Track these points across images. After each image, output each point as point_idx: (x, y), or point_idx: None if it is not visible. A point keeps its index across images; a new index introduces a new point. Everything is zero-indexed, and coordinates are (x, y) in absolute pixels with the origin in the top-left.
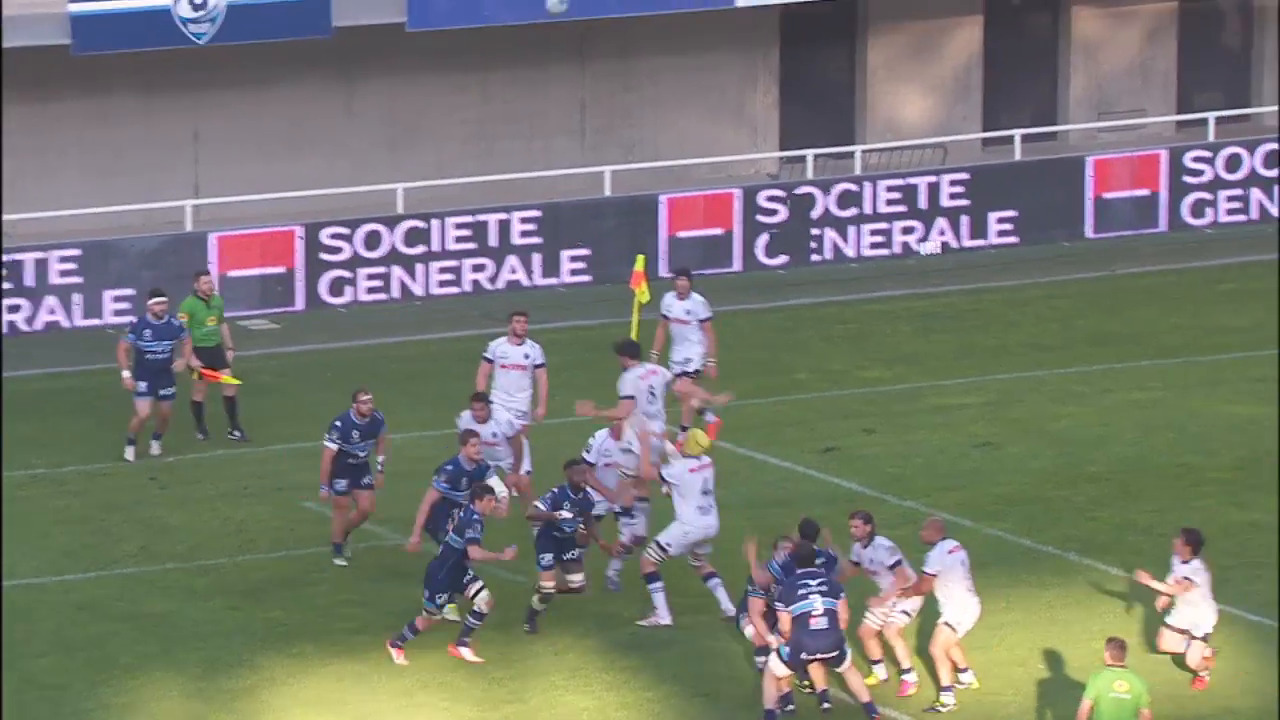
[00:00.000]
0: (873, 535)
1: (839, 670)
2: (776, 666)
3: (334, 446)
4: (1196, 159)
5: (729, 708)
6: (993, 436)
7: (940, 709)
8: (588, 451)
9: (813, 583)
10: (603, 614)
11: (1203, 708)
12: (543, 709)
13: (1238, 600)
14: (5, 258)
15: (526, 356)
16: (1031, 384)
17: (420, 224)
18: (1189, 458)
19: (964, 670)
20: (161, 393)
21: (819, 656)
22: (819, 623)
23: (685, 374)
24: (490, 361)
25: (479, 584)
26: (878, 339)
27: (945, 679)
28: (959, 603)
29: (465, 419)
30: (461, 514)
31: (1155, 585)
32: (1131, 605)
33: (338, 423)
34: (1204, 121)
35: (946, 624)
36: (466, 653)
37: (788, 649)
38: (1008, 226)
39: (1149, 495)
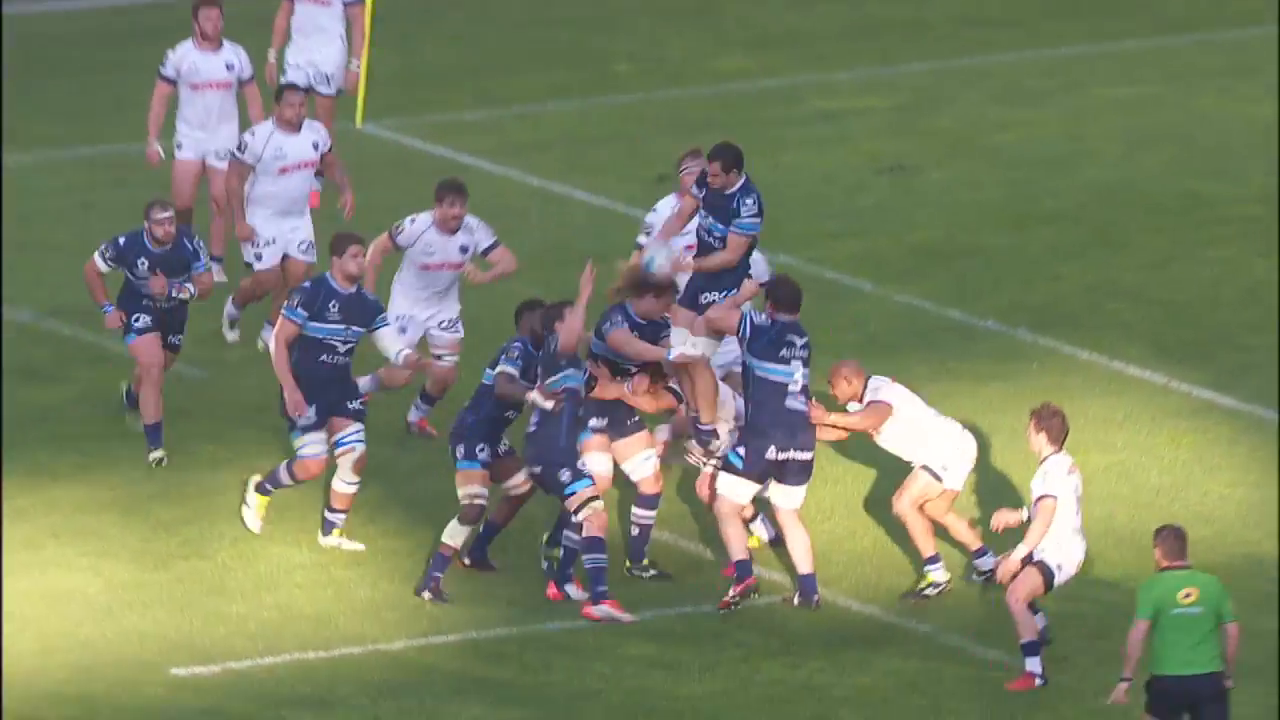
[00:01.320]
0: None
1: (790, 506)
2: (729, 486)
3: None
4: None
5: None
6: (906, 156)
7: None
8: None
9: (799, 341)
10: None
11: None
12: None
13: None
14: None
15: (229, 67)
16: (965, 76)
17: None
18: (1197, 184)
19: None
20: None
21: (792, 456)
22: (796, 402)
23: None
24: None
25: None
26: (737, 11)
27: (1026, 634)
28: (1061, 544)
29: None
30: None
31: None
32: (1121, 409)
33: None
34: None
35: (1046, 569)
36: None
37: (741, 450)
38: None
39: (1137, 242)
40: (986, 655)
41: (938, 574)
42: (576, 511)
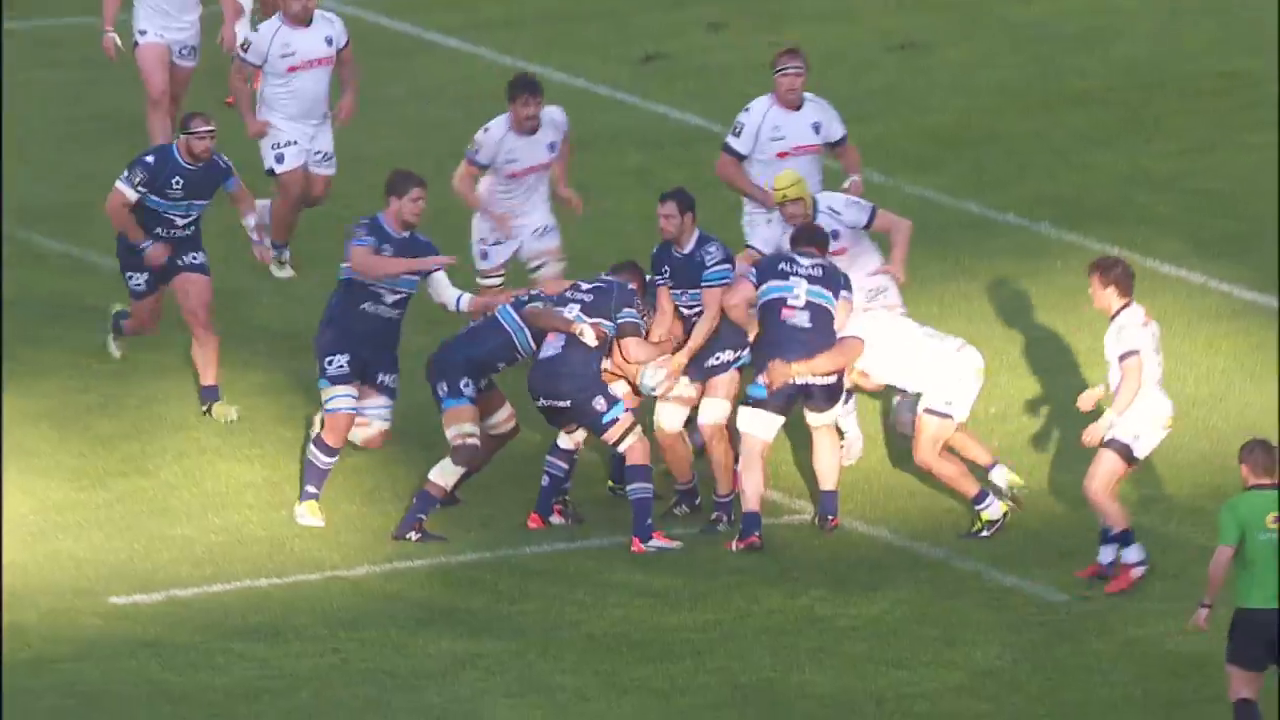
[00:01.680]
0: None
1: (821, 423)
2: (753, 421)
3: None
4: None
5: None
6: (918, 33)
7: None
8: None
9: (805, 264)
10: None
11: None
12: None
13: None
14: None
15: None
16: None
17: None
18: (1238, 61)
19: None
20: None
21: (810, 381)
22: (796, 317)
23: None
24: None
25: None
26: None
27: (1115, 523)
28: (1138, 408)
29: None
30: None
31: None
32: (1153, 312)
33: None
34: None
35: (1119, 445)
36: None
37: (761, 379)
38: None
39: (1172, 126)
40: (1004, 582)
41: (992, 511)
42: (619, 442)
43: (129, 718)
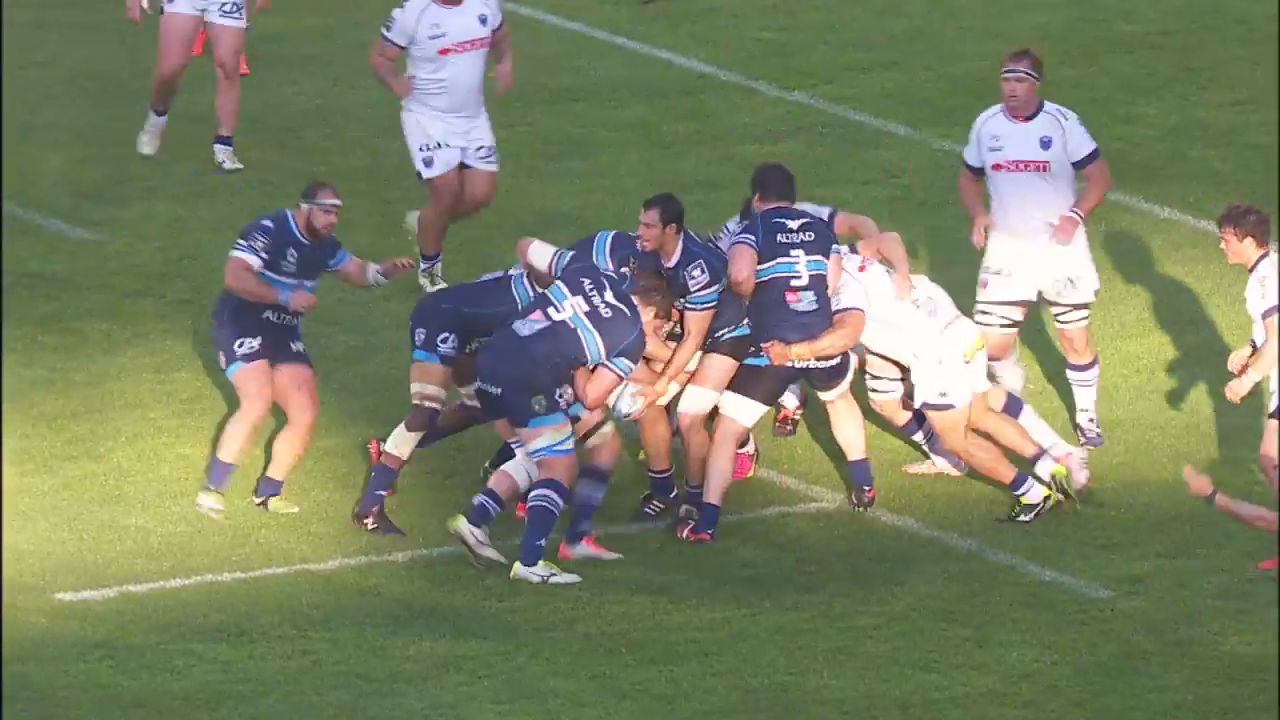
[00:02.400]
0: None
1: (833, 396)
2: (737, 405)
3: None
4: None
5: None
6: None
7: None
8: None
9: (794, 225)
10: None
11: None
12: None
13: None
14: None
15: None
16: None
17: None
18: None
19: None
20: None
21: (810, 364)
22: (801, 300)
23: None
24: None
25: None
26: None
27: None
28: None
29: None
30: None
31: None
32: (1209, 278)
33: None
34: None
35: None
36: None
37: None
38: None
39: (1228, 74)
40: (1042, 576)
41: (1031, 495)
42: (584, 439)
43: None
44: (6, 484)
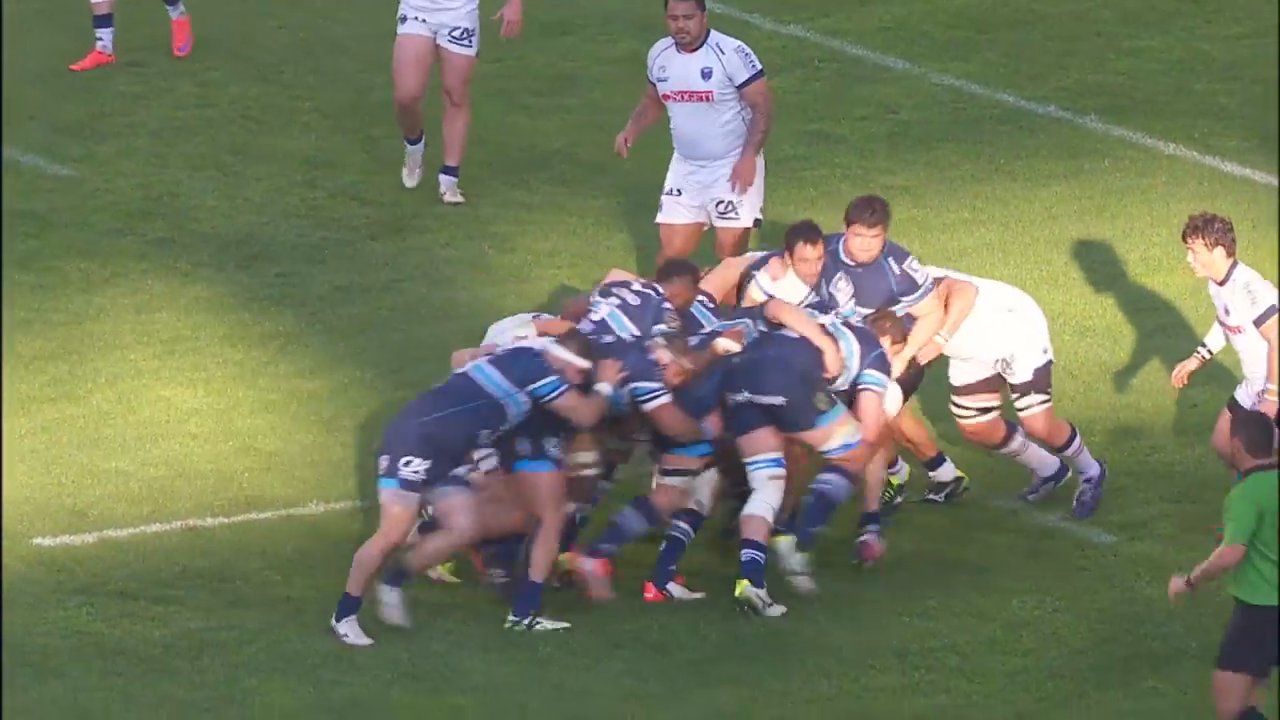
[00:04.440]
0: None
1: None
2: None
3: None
4: None
5: None
6: None
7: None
8: None
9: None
10: None
11: None
12: None
13: None
14: None
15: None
16: None
17: None
18: None
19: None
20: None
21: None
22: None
23: None
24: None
25: None
26: None
27: None
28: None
29: None
30: None
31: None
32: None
33: None
34: None
35: None
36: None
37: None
38: None
39: (1235, 4)
40: (1043, 522)
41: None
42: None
43: (56, 673)
44: None
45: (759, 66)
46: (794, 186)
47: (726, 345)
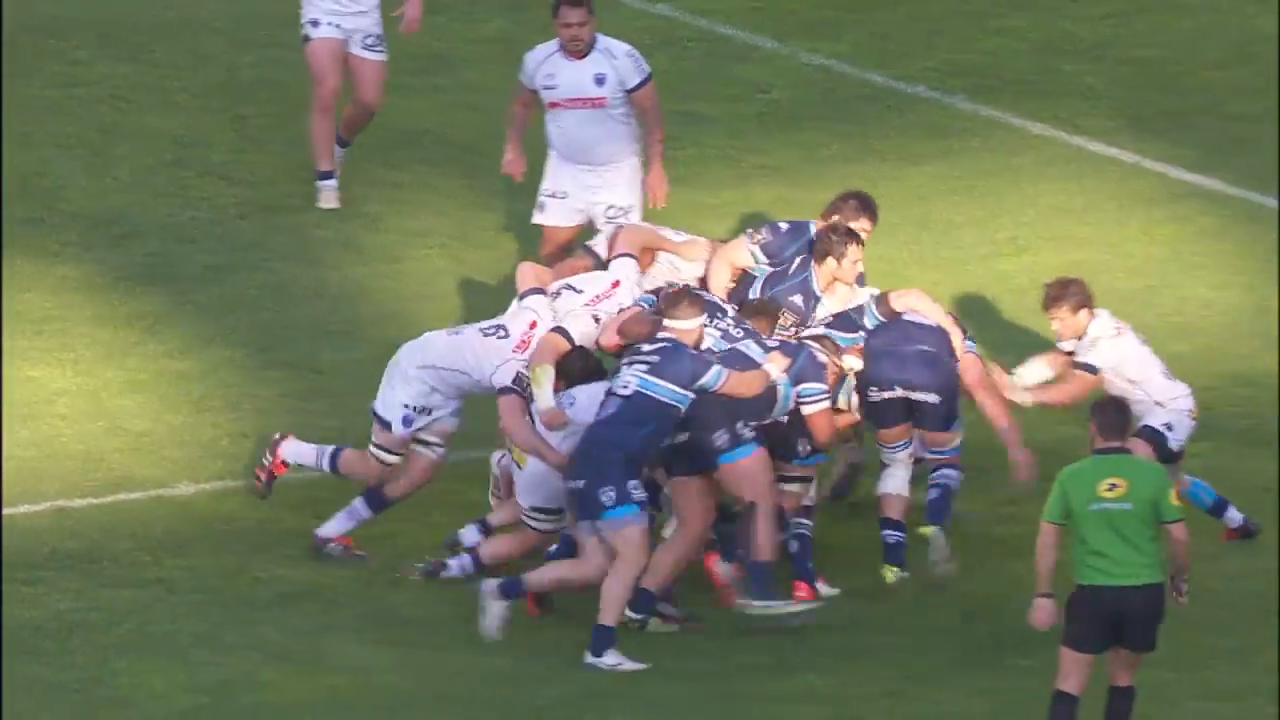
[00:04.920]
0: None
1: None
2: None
3: None
4: None
5: None
6: None
7: None
8: None
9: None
10: None
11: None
12: None
13: None
14: None
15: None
16: None
17: None
18: None
19: None
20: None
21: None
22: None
23: None
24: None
25: None
26: None
27: None
28: (1172, 394)
29: None
30: None
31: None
32: (1081, 196)
33: None
34: None
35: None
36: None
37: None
38: None
39: None
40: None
41: None
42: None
43: None
44: None
45: (648, 70)
46: (664, 167)
47: (852, 363)
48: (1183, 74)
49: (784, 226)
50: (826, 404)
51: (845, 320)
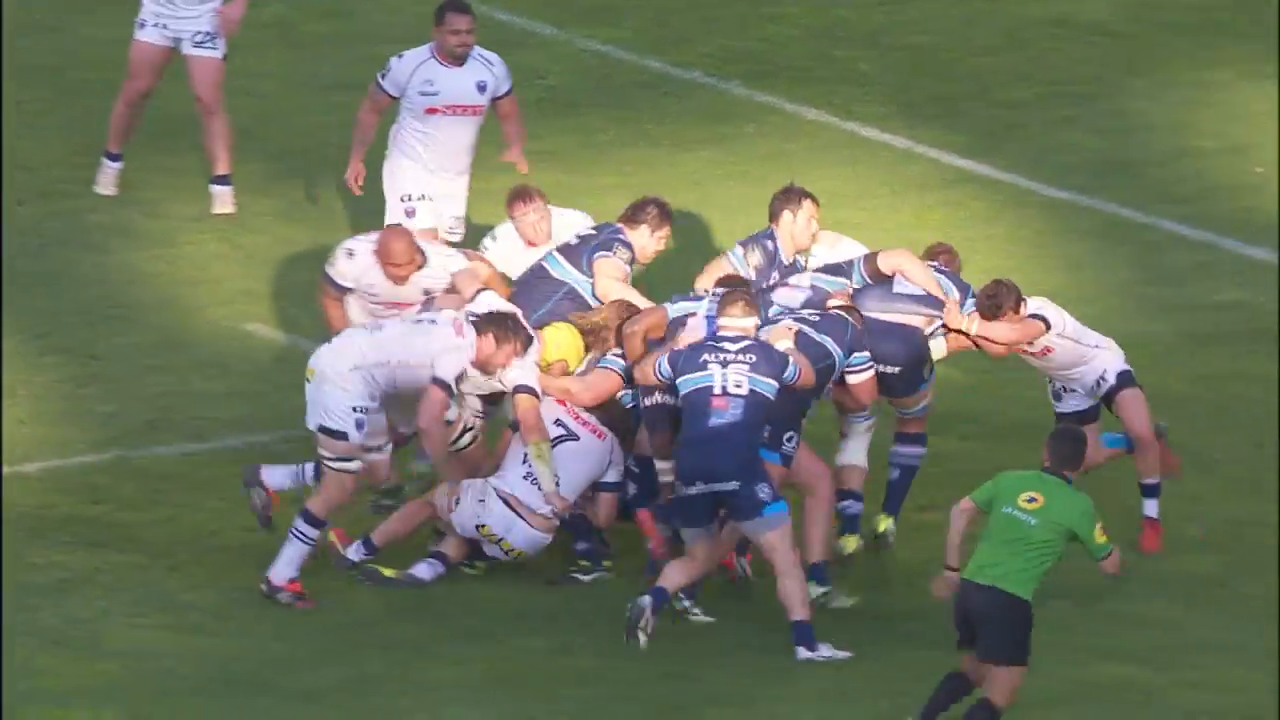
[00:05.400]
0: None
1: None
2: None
3: None
4: None
5: None
6: None
7: None
8: None
9: (732, 348)
10: None
11: None
12: None
13: None
14: None
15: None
16: None
17: None
18: None
19: None
20: None
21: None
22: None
23: None
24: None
25: None
26: None
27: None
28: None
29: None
30: None
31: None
32: (854, 181)
33: None
34: None
35: None
36: None
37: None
38: None
39: None
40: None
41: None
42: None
43: None
44: None
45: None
46: None
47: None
48: (953, 60)
49: (770, 246)
50: (873, 370)
51: (834, 269)
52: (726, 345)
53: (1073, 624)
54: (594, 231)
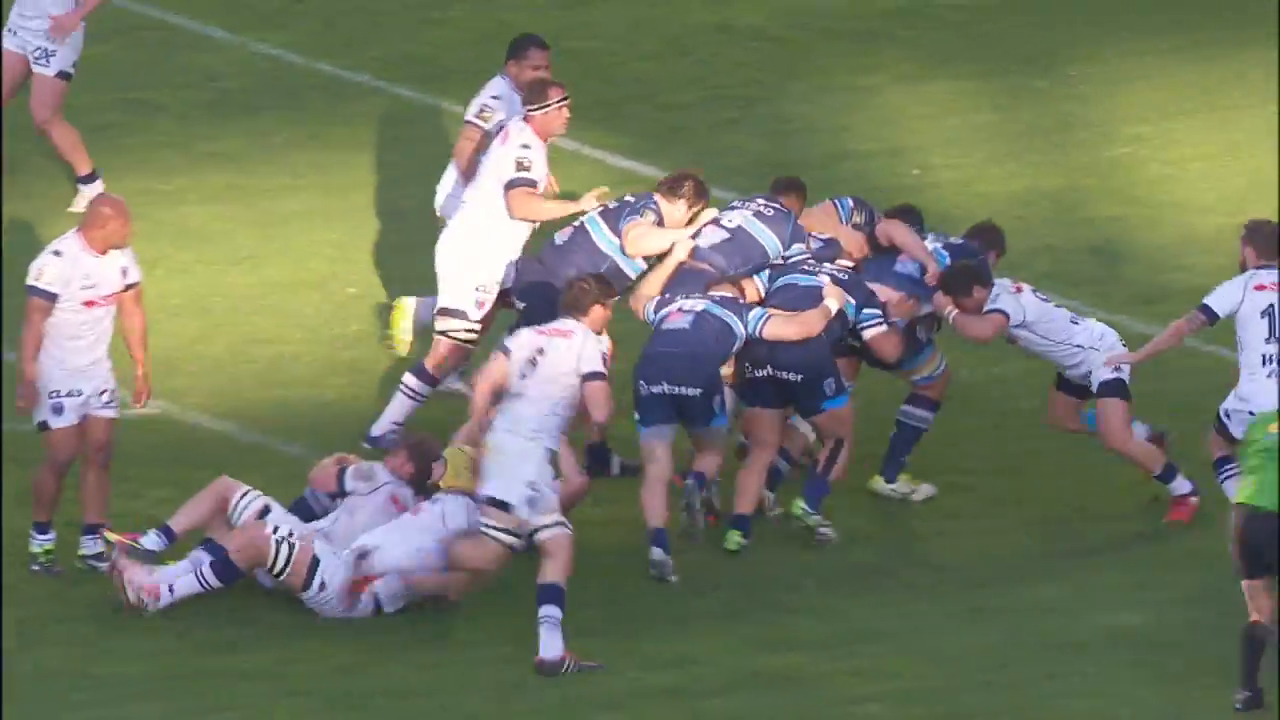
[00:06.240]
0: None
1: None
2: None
3: None
4: None
5: None
6: None
7: None
8: None
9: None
10: None
11: None
12: None
13: None
14: None
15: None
16: None
17: None
18: None
19: None
20: None
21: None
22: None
23: None
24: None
25: None
26: None
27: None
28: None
29: None
30: None
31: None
32: None
33: None
34: None
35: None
36: None
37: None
38: None
39: None
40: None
41: None
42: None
43: None
44: None
45: None
46: (114, 153)
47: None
48: (617, 65)
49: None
50: (885, 326)
51: (833, 245)
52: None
53: (740, 613)
54: (632, 199)
